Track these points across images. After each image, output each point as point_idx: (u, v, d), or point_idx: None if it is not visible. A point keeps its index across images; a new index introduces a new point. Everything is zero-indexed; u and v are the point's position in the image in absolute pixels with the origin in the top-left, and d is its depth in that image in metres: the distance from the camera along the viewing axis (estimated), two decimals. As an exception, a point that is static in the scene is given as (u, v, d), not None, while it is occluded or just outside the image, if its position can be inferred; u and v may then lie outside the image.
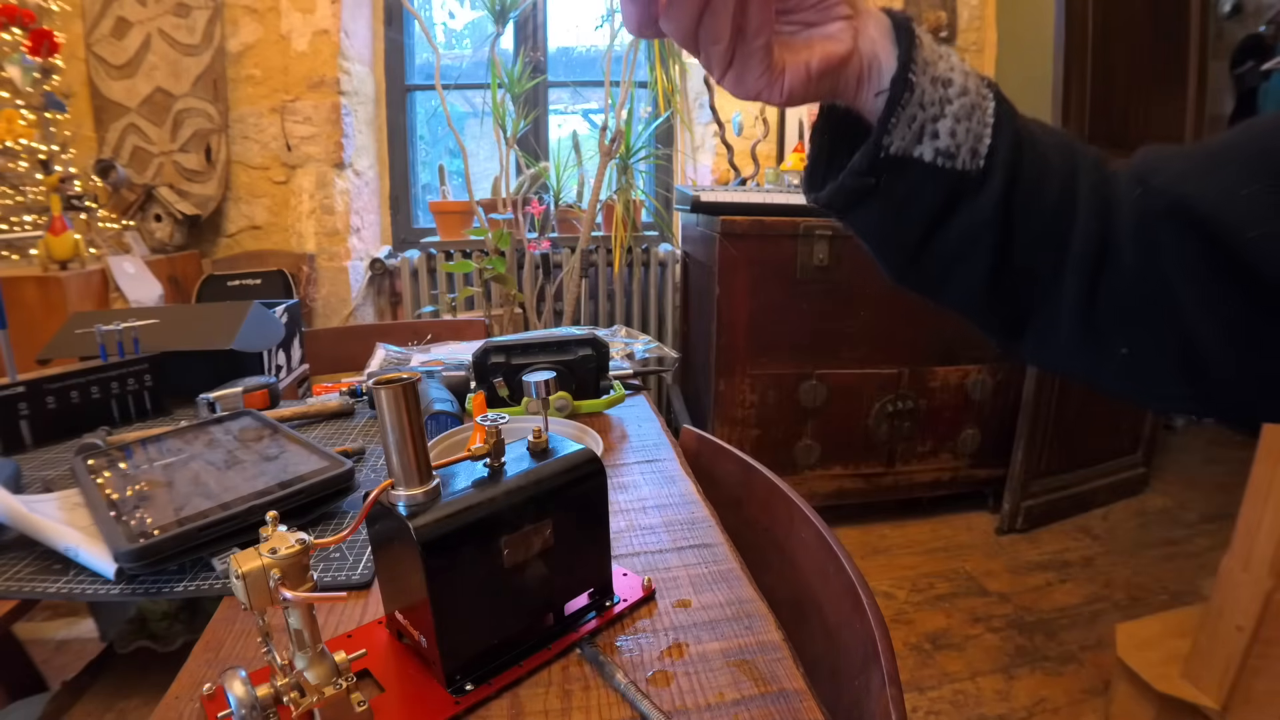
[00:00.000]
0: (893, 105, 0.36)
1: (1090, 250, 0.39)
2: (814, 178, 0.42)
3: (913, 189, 0.38)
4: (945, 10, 2.57)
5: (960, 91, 0.38)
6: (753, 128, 2.40)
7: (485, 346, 0.93)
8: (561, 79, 2.65)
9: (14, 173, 1.89)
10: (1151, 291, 0.37)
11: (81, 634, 1.55)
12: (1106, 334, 0.39)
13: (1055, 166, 0.40)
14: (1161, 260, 0.36)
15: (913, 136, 0.37)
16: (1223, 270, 0.34)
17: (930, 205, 0.38)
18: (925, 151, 0.37)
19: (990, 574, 1.92)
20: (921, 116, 0.37)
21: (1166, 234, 0.37)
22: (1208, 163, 0.37)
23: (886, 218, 0.39)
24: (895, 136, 0.37)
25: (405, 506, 0.42)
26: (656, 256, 2.49)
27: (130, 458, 0.73)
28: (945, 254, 0.40)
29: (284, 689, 0.38)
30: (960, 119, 0.37)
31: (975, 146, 0.38)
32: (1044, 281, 0.39)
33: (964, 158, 0.37)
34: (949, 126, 0.37)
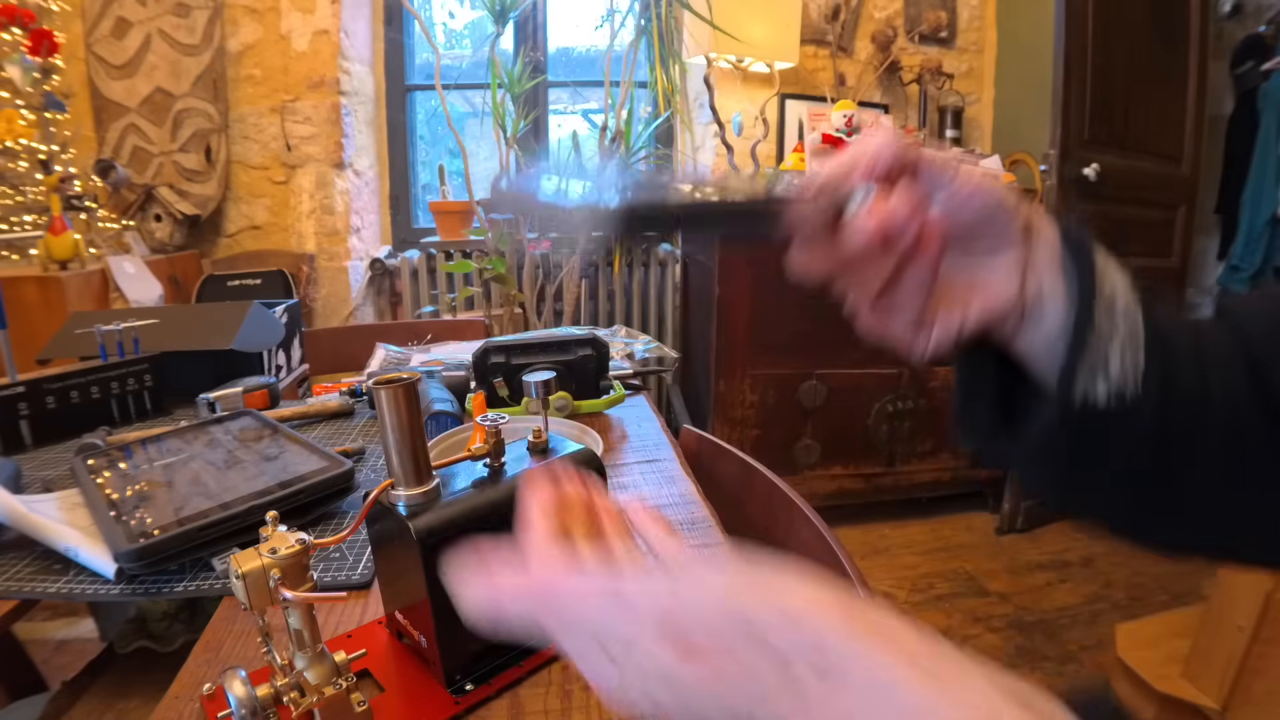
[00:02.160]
0: (1077, 348, 0.31)
1: (1225, 436, 0.34)
2: (963, 419, 0.37)
3: (1094, 442, 0.33)
4: (945, 10, 2.57)
5: (1124, 312, 0.32)
6: (753, 128, 2.40)
7: (485, 346, 0.93)
8: (561, 79, 2.65)
9: (14, 173, 1.89)
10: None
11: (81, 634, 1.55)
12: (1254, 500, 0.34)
13: (1183, 353, 0.34)
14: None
15: (1088, 376, 0.32)
16: None
17: (1110, 452, 0.33)
18: (1098, 391, 0.32)
19: (990, 574, 1.92)
20: (1096, 353, 0.31)
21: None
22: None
23: (1068, 461, 0.34)
24: (1080, 383, 0.32)
25: (405, 506, 0.42)
26: (656, 256, 2.49)
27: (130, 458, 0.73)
28: (1103, 481, 0.34)
29: (284, 689, 0.38)
30: (1125, 344, 0.32)
31: (1135, 372, 0.32)
32: (1189, 468, 0.34)
33: (1131, 389, 0.32)
34: (1118, 354, 0.32)
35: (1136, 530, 0.38)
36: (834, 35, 2.50)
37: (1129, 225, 2.07)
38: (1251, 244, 2.13)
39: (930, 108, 2.55)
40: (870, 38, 2.54)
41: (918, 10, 2.56)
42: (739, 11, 2.17)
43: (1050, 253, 0.32)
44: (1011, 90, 2.59)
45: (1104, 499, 0.36)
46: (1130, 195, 2.05)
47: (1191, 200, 2.17)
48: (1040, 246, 0.32)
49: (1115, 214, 2.03)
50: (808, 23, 2.45)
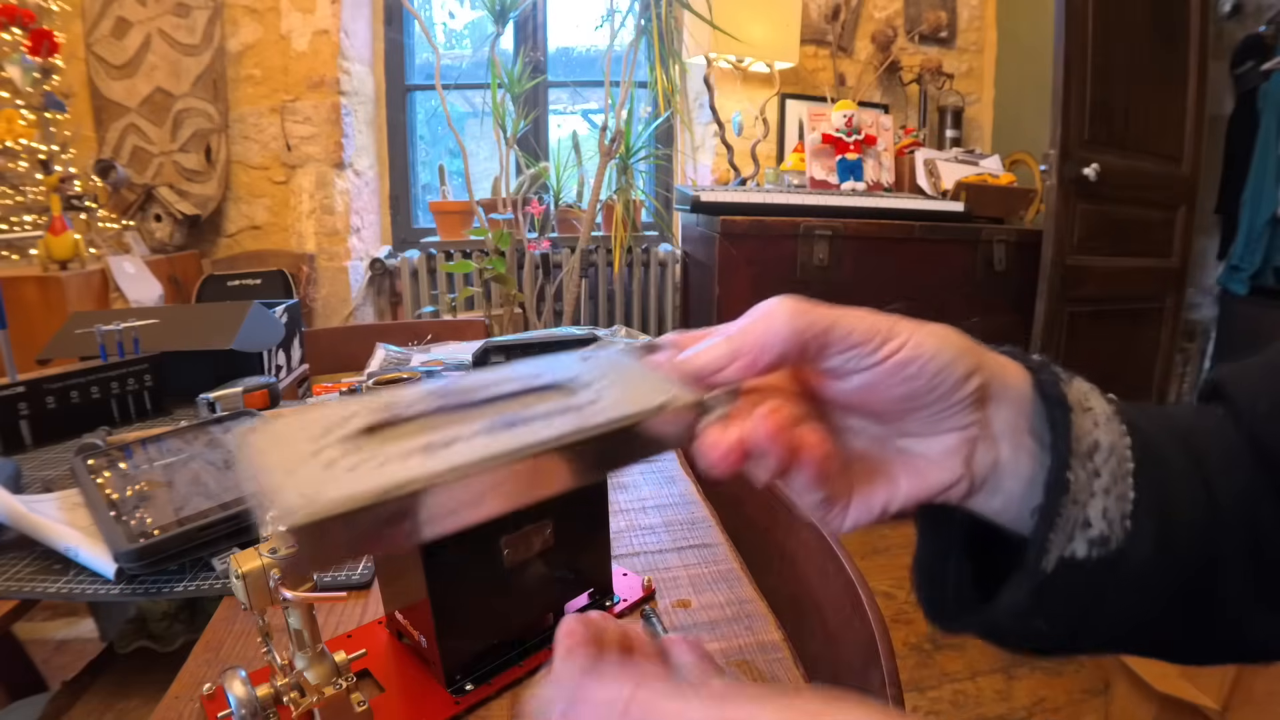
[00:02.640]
0: (1048, 518, 0.27)
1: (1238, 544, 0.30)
2: (924, 591, 0.33)
3: (1075, 594, 0.28)
4: (945, 10, 2.57)
5: (1107, 454, 0.28)
6: (753, 128, 2.40)
7: (485, 346, 0.93)
8: (561, 79, 2.65)
9: (14, 173, 1.89)
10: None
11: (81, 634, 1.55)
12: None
13: (1179, 468, 0.30)
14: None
15: (1063, 539, 0.27)
16: None
17: (1096, 602, 0.29)
18: (1078, 548, 0.27)
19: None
20: (1073, 513, 0.27)
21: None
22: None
23: (1059, 626, 0.30)
24: (1053, 548, 0.27)
25: (405, 506, 0.42)
26: (656, 256, 2.49)
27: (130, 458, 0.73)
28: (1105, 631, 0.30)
29: (284, 689, 0.38)
30: (1109, 490, 0.28)
31: (1122, 512, 0.28)
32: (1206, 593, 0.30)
33: (1116, 535, 0.28)
34: (1100, 507, 0.27)
35: (1158, 654, 0.33)
36: (834, 35, 2.50)
37: (1129, 225, 2.07)
38: (1251, 244, 2.13)
39: (930, 108, 2.55)
40: (870, 38, 2.54)
41: (918, 10, 2.56)
42: (739, 11, 2.17)
43: (1013, 418, 0.28)
44: (1011, 90, 2.59)
45: (1111, 640, 0.32)
46: (1130, 195, 2.05)
47: (1191, 200, 2.17)
48: (1000, 412, 0.28)
49: (1115, 214, 2.03)
50: (808, 23, 2.45)
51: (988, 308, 2.11)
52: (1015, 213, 2.20)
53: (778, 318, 0.26)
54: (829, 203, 2.02)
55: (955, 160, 2.27)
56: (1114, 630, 0.30)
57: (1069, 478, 0.27)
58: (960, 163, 2.27)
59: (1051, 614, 0.29)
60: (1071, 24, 1.83)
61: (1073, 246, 1.96)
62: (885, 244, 2.00)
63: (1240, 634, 0.31)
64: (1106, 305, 2.08)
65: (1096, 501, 0.27)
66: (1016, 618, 0.29)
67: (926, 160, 2.25)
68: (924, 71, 2.52)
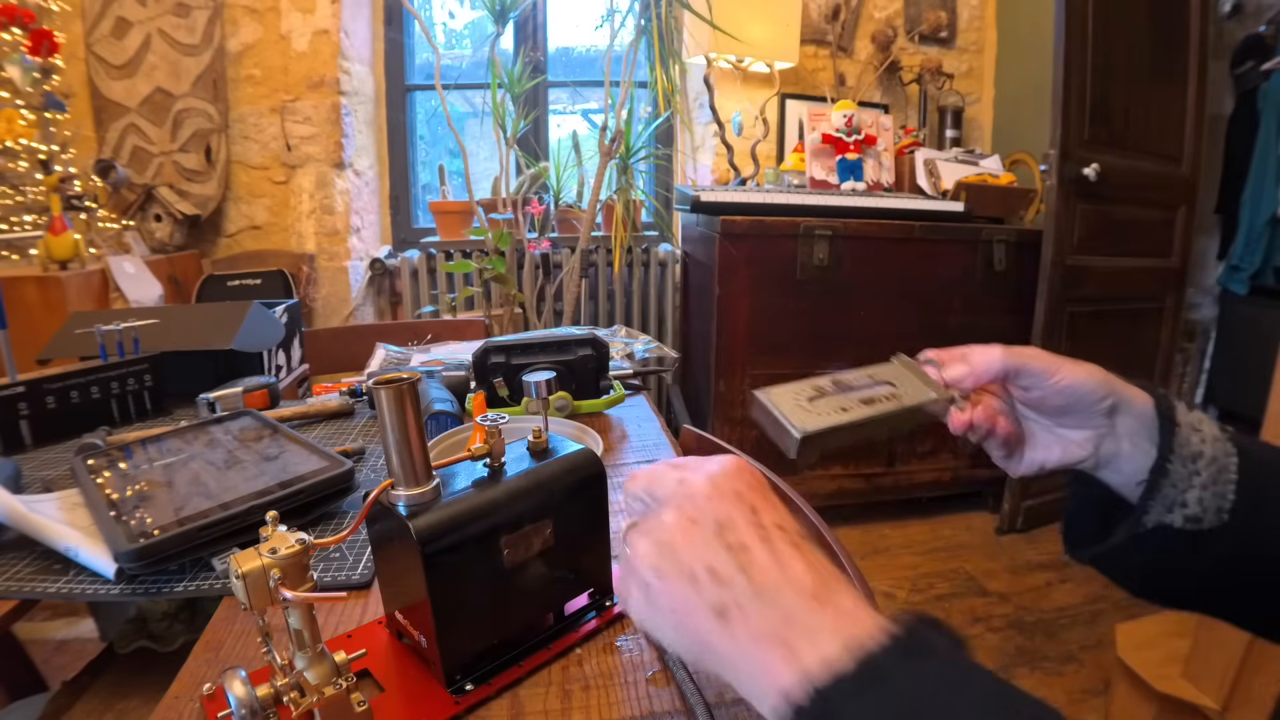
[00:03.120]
0: (1150, 489, 0.42)
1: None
2: (1068, 530, 0.49)
3: (1171, 552, 0.42)
4: (945, 10, 2.57)
5: (1209, 461, 0.42)
6: (753, 128, 2.40)
7: (485, 346, 0.93)
8: (561, 79, 2.65)
9: (14, 173, 1.89)
10: None
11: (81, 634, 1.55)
12: None
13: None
14: None
15: (1163, 509, 0.42)
16: None
17: (1188, 563, 0.43)
18: (1175, 519, 0.42)
19: (990, 574, 1.92)
20: (1173, 494, 0.42)
21: None
22: None
23: (1153, 572, 0.44)
24: (1153, 512, 0.42)
25: (405, 506, 0.42)
26: (656, 256, 2.49)
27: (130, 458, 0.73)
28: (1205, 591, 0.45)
29: (284, 689, 0.38)
30: (1207, 486, 0.41)
31: (1220, 505, 0.41)
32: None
33: (1210, 519, 0.41)
34: (1196, 495, 0.41)
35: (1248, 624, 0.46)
36: (834, 35, 2.50)
37: (1129, 225, 2.07)
38: (1251, 244, 2.13)
39: (930, 108, 2.55)
40: (870, 38, 2.54)
41: (918, 10, 2.56)
42: (739, 11, 2.17)
43: (1135, 426, 0.43)
44: (1011, 90, 2.59)
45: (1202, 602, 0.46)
46: (1130, 195, 2.05)
47: (1191, 200, 2.17)
48: (1124, 420, 0.43)
49: (1115, 214, 2.03)
50: (808, 23, 2.45)
51: (988, 308, 2.11)
52: (1015, 213, 2.20)
53: (995, 353, 0.44)
54: (829, 203, 2.02)
55: (955, 160, 2.27)
56: (1205, 593, 0.44)
57: (1168, 468, 0.41)
58: (960, 163, 2.27)
59: (1143, 561, 0.43)
60: (1071, 24, 1.83)
61: (1073, 246, 1.96)
62: (885, 244, 2.00)
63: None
64: (1106, 305, 2.08)
65: (1194, 492, 0.41)
66: (1119, 556, 0.44)
67: (926, 160, 2.25)
68: (924, 71, 2.52)
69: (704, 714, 0.42)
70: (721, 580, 0.30)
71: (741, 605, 0.30)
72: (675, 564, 0.32)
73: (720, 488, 0.33)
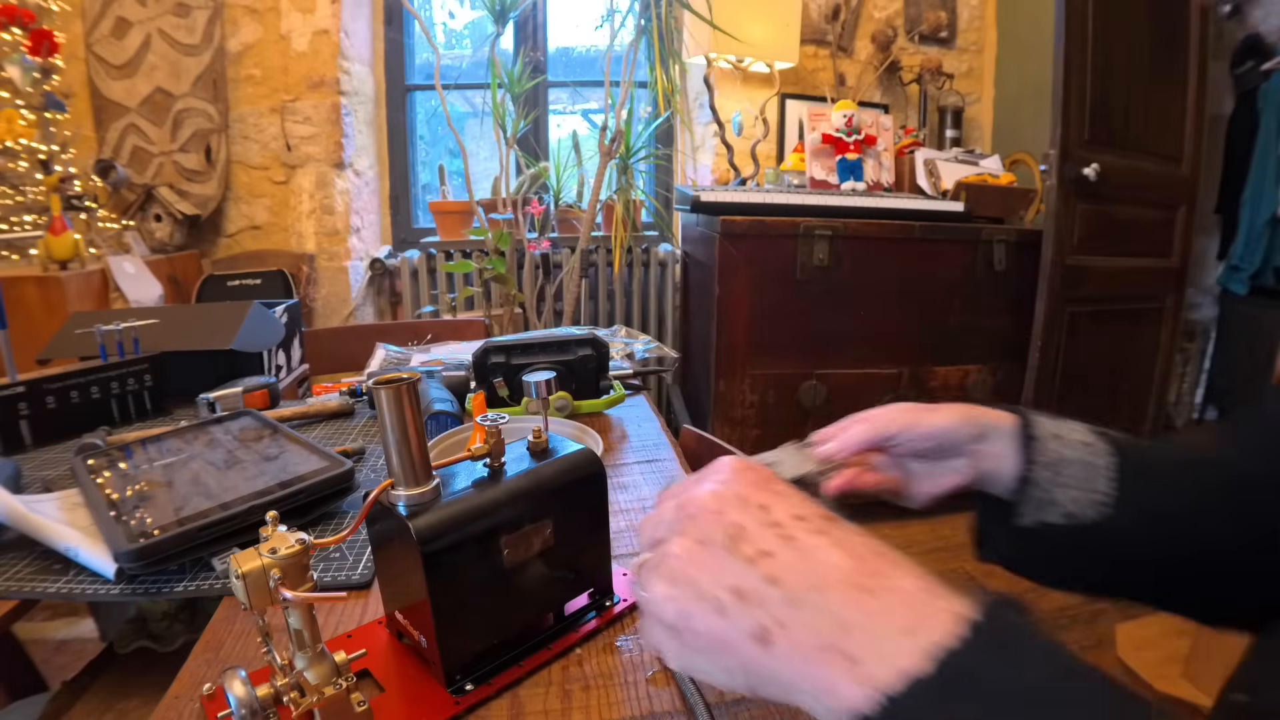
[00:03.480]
0: (1018, 497, 0.48)
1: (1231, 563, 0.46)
2: (979, 527, 0.54)
3: (1056, 546, 0.48)
4: (945, 10, 2.57)
5: (1075, 463, 0.47)
6: (753, 127, 2.40)
7: (485, 346, 0.93)
8: (561, 79, 2.65)
9: (14, 173, 1.89)
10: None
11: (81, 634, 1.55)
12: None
13: (1183, 487, 0.47)
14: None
15: (1038, 509, 0.47)
16: None
17: (1074, 553, 0.48)
18: (1053, 517, 0.47)
19: (990, 574, 1.91)
20: (1043, 496, 0.47)
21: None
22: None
23: (1053, 568, 0.50)
24: (1026, 514, 0.48)
25: (405, 506, 0.42)
26: (656, 256, 2.49)
27: (130, 458, 0.73)
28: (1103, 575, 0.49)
29: (284, 689, 0.38)
30: (1077, 487, 0.47)
31: (1097, 500, 0.46)
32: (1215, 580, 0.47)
33: (1088, 514, 0.46)
34: (1068, 495, 0.47)
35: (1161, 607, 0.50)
36: (834, 35, 2.50)
37: (1129, 225, 2.07)
38: (1251, 244, 2.13)
39: (930, 108, 2.55)
40: (870, 38, 2.54)
41: (918, 10, 2.56)
42: (739, 11, 2.17)
43: (1005, 444, 0.49)
44: (1011, 90, 2.59)
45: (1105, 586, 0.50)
46: (1130, 195, 2.05)
47: (1191, 200, 2.17)
48: (995, 442, 0.49)
49: (1115, 214, 2.03)
50: (808, 23, 2.45)
51: (988, 308, 2.11)
52: (1015, 213, 2.20)
53: (858, 430, 0.50)
54: (829, 203, 2.02)
55: (955, 160, 2.27)
56: (1106, 579, 0.49)
57: (1030, 477, 0.47)
58: (960, 163, 2.27)
59: (1040, 556, 0.49)
60: (1071, 24, 1.83)
61: (1073, 246, 1.96)
62: (885, 244, 2.00)
63: (1236, 605, 0.47)
64: (1106, 305, 2.08)
65: (1064, 492, 0.47)
66: (1018, 555, 0.50)
67: (926, 160, 2.25)
68: (924, 71, 2.52)
69: (704, 714, 0.42)
70: (750, 599, 0.27)
71: (782, 621, 0.26)
72: (696, 596, 0.28)
73: (721, 497, 0.30)
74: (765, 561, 0.27)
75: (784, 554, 0.27)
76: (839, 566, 0.27)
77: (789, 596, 0.26)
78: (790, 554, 0.27)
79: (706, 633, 0.28)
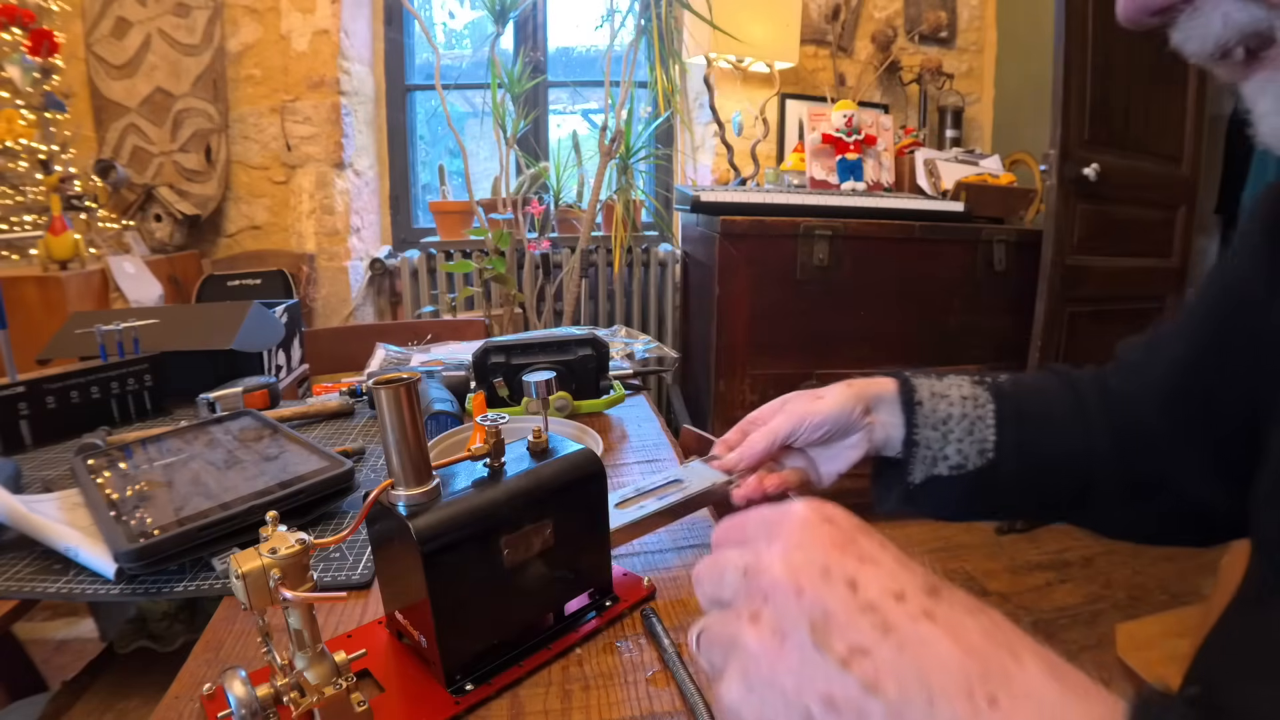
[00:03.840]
0: (906, 458, 0.52)
1: (1108, 461, 0.51)
2: (875, 487, 0.57)
3: (945, 494, 0.53)
4: (945, 10, 2.57)
5: (960, 418, 0.52)
6: (753, 127, 2.40)
7: (485, 346, 0.93)
8: (561, 79, 2.65)
9: (14, 173, 1.89)
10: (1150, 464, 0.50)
11: (81, 634, 1.55)
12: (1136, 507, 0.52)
13: (1057, 410, 0.53)
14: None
15: (928, 466, 0.52)
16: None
17: (963, 497, 0.53)
18: (942, 470, 0.52)
19: (990, 574, 1.92)
20: (931, 453, 0.52)
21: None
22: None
23: (943, 511, 0.54)
24: (915, 473, 0.52)
25: (405, 506, 0.42)
26: (656, 256, 2.49)
27: (130, 458, 0.73)
28: (990, 510, 0.56)
29: (284, 689, 0.38)
30: (963, 439, 0.52)
31: (981, 449, 0.52)
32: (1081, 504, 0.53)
33: (974, 461, 0.52)
34: (955, 449, 0.52)
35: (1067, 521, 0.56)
36: (834, 35, 2.50)
37: (1129, 225, 2.07)
38: (1251, 244, 2.13)
39: (930, 108, 2.55)
40: (870, 38, 2.54)
41: (918, 10, 2.56)
42: (739, 11, 2.17)
43: (889, 413, 0.53)
44: (1011, 90, 2.59)
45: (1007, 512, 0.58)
46: (1130, 195, 2.05)
47: (1191, 200, 2.17)
48: (883, 411, 0.53)
49: (1115, 214, 2.03)
50: (808, 23, 2.45)
51: (988, 308, 2.11)
52: (1015, 213, 2.20)
53: (759, 441, 0.55)
54: (829, 203, 2.02)
55: (955, 160, 2.27)
56: (1010, 511, 0.57)
57: (916, 438, 0.52)
58: (960, 163, 2.27)
59: (930, 504, 0.53)
60: (1071, 24, 1.83)
61: (1073, 246, 1.96)
62: (885, 244, 2.00)
63: (1110, 519, 0.54)
64: (1106, 305, 2.08)
65: (952, 446, 0.52)
66: (902, 505, 0.54)
67: (926, 160, 2.25)
68: (924, 71, 2.52)
69: (704, 714, 0.42)
70: (845, 710, 0.22)
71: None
72: (782, 705, 0.24)
73: (798, 570, 0.25)
74: (860, 662, 0.23)
75: (883, 651, 0.23)
76: (952, 667, 0.22)
77: (893, 708, 0.22)
78: (890, 651, 0.23)
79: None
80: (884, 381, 0.54)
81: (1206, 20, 0.29)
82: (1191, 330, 0.49)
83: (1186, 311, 0.50)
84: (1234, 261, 0.45)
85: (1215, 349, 0.46)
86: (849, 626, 0.23)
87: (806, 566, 0.25)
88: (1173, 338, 0.51)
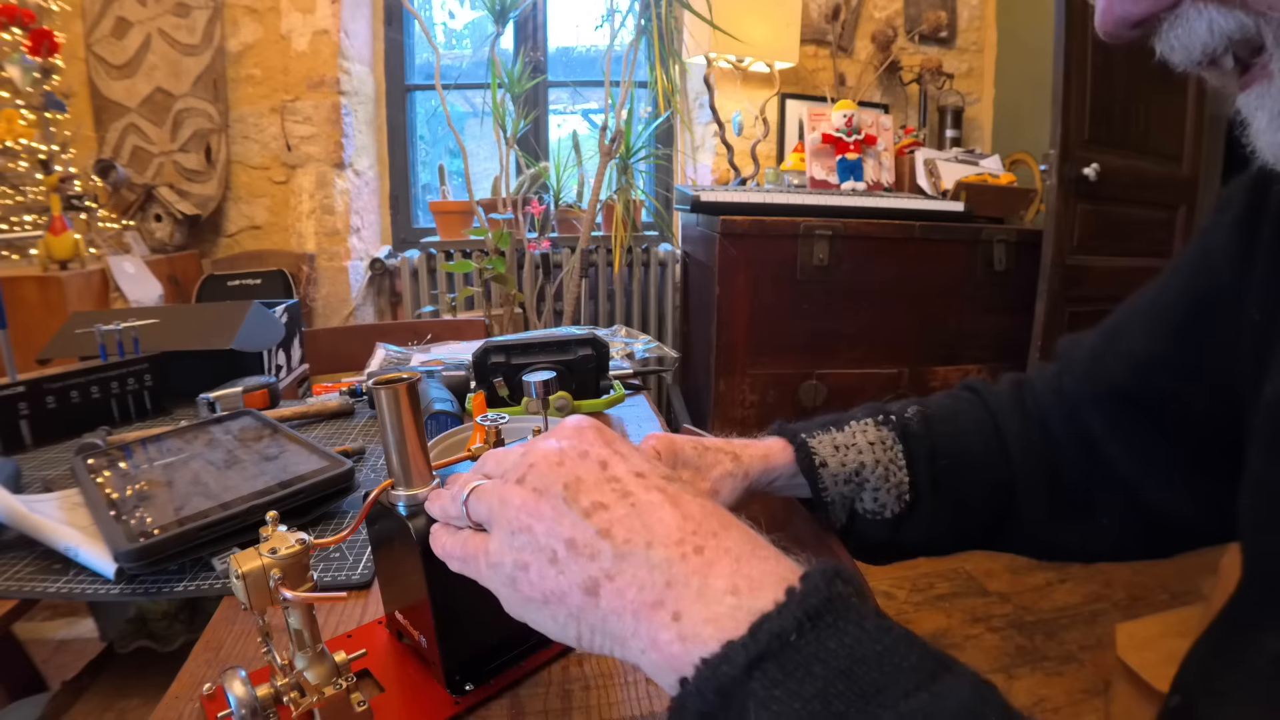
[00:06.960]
0: (822, 515, 0.49)
1: (1035, 483, 0.49)
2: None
3: (866, 536, 0.50)
4: (945, 10, 2.57)
5: (874, 465, 0.48)
6: (753, 128, 2.40)
7: (485, 346, 0.93)
8: (561, 79, 2.65)
9: (14, 173, 1.89)
10: (1100, 474, 0.47)
11: (81, 634, 1.55)
12: (1076, 525, 0.49)
13: (973, 441, 0.51)
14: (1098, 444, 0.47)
15: (843, 514, 0.50)
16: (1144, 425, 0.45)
17: (883, 538, 0.50)
18: (863, 513, 0.49)
19: (990, 574, 1.92)
20: (843, 504, 0.49)
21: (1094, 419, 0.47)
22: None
23: (865, 552, 0.52)
24: (835, 517, 0.49)
25: (405, 506, 0.42)
26: (656, 256, 2.49)
27: (130, 457, 0.73)
28: (918, 548, 0.52)
29: (284, 689, 0.38)
30: (879, 487, 0.48)
31: (899, 494, 0.48)
32: (1010, 522, 0.51)
33: (892, 507, 0.49)
34: (871, 496, 0.49)
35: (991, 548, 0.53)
36: (834, 35, 2.50)
37: (1129, 225, 2.07)
38: (1251, 244, 2.13)
39: (930, 108, 2.55)
40: (870, 38, 2.54)
41: (918, 10, 2.56)
42: (739, 11, 2.17)
43: (785, 482, 0.50)
44: (1011, 90, 2.59)
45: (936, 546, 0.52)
46: (1130, 195, 2.05)
47: (1191, 200, 2.17)
48: (785, 483, 0.50)
49: (1115, 214, 2.03)
50: (808, 23, 2.45)
51: (988, 307, 2.11)
52: (1015, 213, 2.20)
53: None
54: (829, 203, 2.02)
55: (955, 160, 2.27)
56: (935, 544, 0.51)
57: (827, 498, 0.48)
58: (960, 163, 2.27)
59: (866, 541, 0.50)
60: (1071, 24, 1.83)
61: (1073, 246, 1.96)
62: (885, 244, 2.00)
63: (1037, 541, 0.51)
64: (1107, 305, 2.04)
65: (868, 494, 0.48)
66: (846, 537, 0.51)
67: (926, 160, 2.25)
68: (924, 71, 2.52)
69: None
70: (583, 551, 0.27)
71: (611, 575, 0.27)
72: (533, 547, 0.29)
73: (564, 451, 0.31)
74: (599, 514, 0.28)
75: (618, 508, 0.28)
76: (671, 524, 0.27)
77: (619, 551, 0.27)
78: (624, 509, 0.28)
79: (540, 582, 0.29)
80: (773, 449, 0.49)
81: (1192, 29, 0.28)
82: (1152, 327, 0.45)
83: (1142, 307, 0.47)
84: (1201, 257, 0.43)
85: (1181, 347, 0.43)
86: (594, 489, 0.29)
87: (569, 449, 0.31)
88: (1129, 335, 0.47)
